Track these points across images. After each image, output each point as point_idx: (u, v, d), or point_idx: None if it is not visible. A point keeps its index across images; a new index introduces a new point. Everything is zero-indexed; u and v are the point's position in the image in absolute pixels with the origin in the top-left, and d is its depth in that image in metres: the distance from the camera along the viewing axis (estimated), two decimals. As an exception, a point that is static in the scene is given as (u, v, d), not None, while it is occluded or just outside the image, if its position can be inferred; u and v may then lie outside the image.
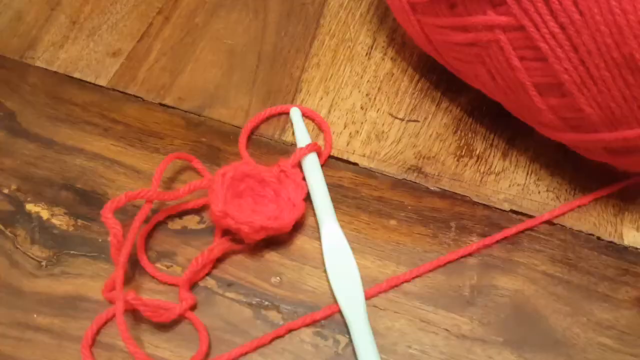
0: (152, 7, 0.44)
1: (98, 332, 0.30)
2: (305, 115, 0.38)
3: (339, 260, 0.32)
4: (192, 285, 0.32)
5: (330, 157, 0.37)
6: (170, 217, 0.34)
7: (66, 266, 0.32)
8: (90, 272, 0.32)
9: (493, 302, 0.32)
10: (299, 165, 0.35)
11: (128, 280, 0.32)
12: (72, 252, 0.33)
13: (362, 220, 0.34)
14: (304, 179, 0.34)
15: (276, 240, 0.33)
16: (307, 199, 0.34)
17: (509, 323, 0.31)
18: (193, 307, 0.31)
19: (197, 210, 0.34)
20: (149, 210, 0.32)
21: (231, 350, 0.30)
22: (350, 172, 0.36)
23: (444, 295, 0.32)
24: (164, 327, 0.31)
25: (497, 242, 0.34)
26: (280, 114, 0.38)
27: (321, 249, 0.33)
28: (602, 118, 0.29)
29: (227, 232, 0.33)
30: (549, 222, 0.34)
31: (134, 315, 0.31)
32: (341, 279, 0.32)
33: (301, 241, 0.34)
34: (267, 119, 0.38)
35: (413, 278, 0.33)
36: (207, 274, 0.32)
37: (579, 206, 0.35)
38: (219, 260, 0.33)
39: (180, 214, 0.34)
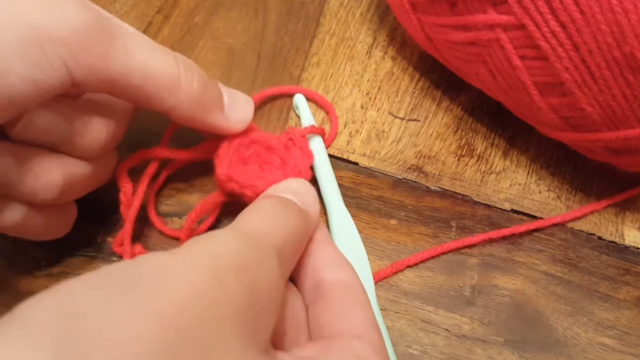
0: (151, 6, 0.43)
1: None
2: (308, 97, 0.38)
3: (348, 247, 0.32)
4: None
5: (331, 156, 0.37)
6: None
7: (65, 266, 0.32)
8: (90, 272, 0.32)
9: (494, 302, 0.32)
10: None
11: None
12: (71, 251, 0.33)
13: (362, 219, 0.34)
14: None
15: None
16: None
17: (510, 323, 0.31)
18: None
19: (193, 192, 0.34)
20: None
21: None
22: (350, 172, 0.36)
23: (445, 295, 0.32)
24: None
25: (498, 242, 0.34)
26: (283, 94, 0.38)
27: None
28: (602, 117, 0.29)
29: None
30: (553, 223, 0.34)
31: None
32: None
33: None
34: (273, 98, 0.38)
35: (416, 263, 0.33)
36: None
37: (592, 212, 0.35)
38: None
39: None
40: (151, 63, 0.26)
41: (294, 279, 0.27)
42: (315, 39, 0.42)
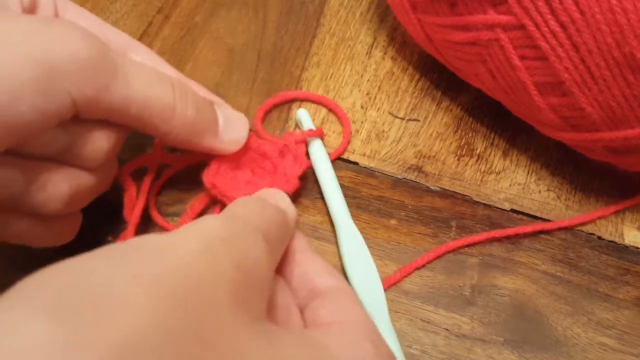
0: (151, 6, 0.43)
1: None
2: (320, 103, 0.38)
3: (358, 262, 0.32)
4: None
5: (331, 156, 0.37)
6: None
7: (66, 266, 0.32)
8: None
9: (493, 302, 0.32)
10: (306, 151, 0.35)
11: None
12: (71, 252, 0.33)
13: (363, 219, 0.34)
14: (307, 157, 0.35)
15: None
16: (307, 197, 0.34)
17: (510, 323, 0.31)
18: None
19: (193, 191, 0.34)
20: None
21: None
22: (350, 172, 0.36)
23: (445, 295, 0.32)
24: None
25: (498, 241, 0.34)
26: (293, 100, 0.39)
27: (321, 249, 0.33)
28: (602, 117, 0.29)
29: None
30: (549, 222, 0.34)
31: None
32: (362, 279, 0.32)
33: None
34: (280, 104, 0.38)
35: (425, 264, 0.33)
36: None
37: (599, 217, 0.35)
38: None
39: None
40: (149, 93, 0.27)
41: None
42: (316, 38, 0.42)
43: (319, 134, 0.35)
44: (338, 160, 0.37)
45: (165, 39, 0.42)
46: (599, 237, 0.34)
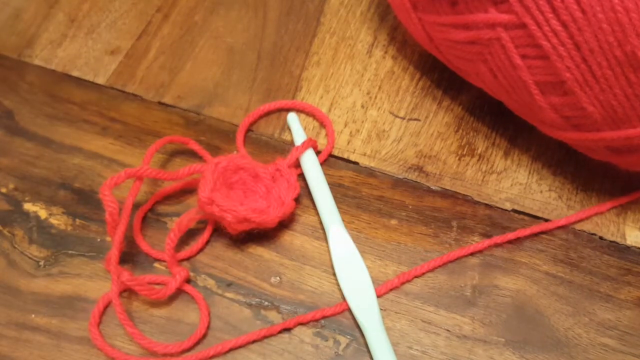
0: (151, 5, 0.43)
1: (104, 310, 0.31)
2: (305, 111, 0.38)
3: (349, 266, 0.32)
4: (189, 279, 0.32)
5: (331, 156, 0.37)
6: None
7: (64, 266, 0.32)
8: (88, 272, 0.32)
9: (495, 302, 0.32)
10: (297, 165, 0.35)
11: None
12: (70, 251, 0.33)
13: (363, 219, 0.34)
14: (300, 175, 0.35)
15: (275, 240, 0.33)
16: (306, 197, 0.34)
17: (511, 323, 0.31)
18: (187, 280, 0.32)
19: (193, 191, 0.35)
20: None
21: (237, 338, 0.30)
22: (350, 171, 0.36)
23: (445, 296, 0.32)
24: (162, 319, 0.31)
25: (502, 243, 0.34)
26: (279, 110, 0.38)
27: (322, 249, 0.33)
28: (604, 116, 0.29)
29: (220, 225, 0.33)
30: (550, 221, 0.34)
31: (135, 307, 0.31)
32: (352, 284, 0.31)
33: (301, 241, 0.33)
34: (266, 114, 0.38)
35: (424, 273, 0.33)
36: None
37: (596, 214, 0.35)
38: (218, 259, 0.33)
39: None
40: None
41: None
42: (316, 38, 0.42)
43: (310, 145, 0.35)
44: (338, 160, 0.36)
45: (165, 38, 0.42)
46: (601, 238, 0.34)
